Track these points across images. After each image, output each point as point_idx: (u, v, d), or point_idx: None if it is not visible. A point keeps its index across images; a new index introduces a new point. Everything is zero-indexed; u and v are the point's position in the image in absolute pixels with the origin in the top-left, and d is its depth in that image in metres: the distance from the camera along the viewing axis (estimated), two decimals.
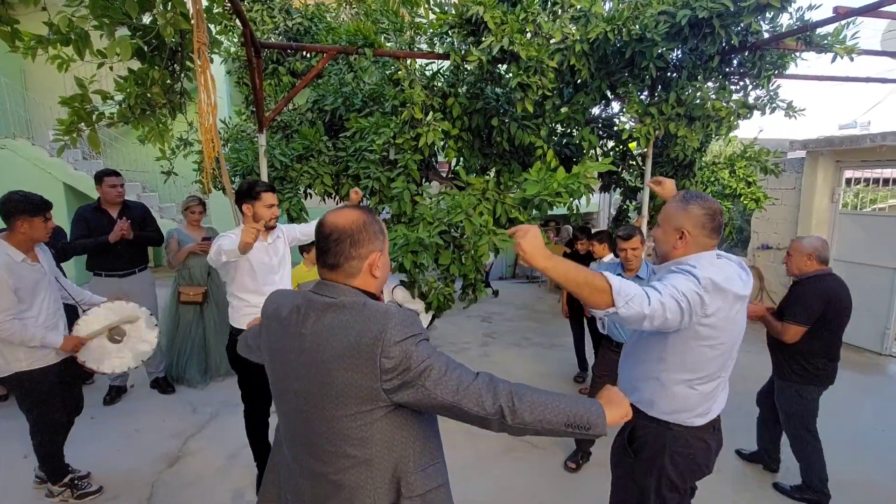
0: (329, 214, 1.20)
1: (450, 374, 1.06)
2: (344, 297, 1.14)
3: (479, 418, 1.05)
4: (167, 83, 2.45)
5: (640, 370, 1.69)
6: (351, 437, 1.09)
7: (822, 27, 2.98)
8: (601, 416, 1.09)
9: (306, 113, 4.65)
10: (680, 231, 1.57)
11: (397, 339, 1.04)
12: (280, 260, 2.65)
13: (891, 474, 3.07)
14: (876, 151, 5.22)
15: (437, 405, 1.06)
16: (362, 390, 1.06)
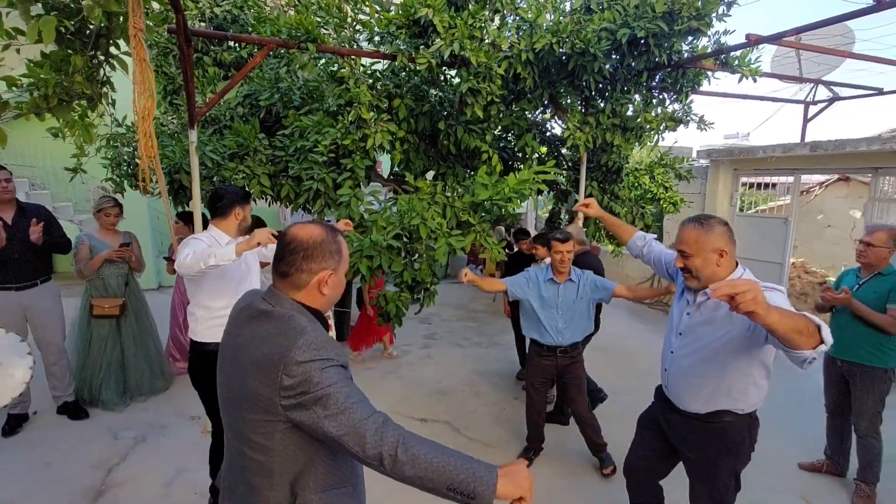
0: (294, 227, 1.24)
1: (344, 409, 1.04)
2: (280, 307, 1.18)
3: (360, 459, 1.04)
4: (90, 71, 2.16)
5: (734, 383, 1.80)
6: (255, 442, 1.13)
7: (735, 51, 3.34)
8: (490, 487, 1.00)
9: (237, 108, 4.35)
10: (719, 251, 1.71)
11: (300, 360, 1.06)
12: (248, 268, 2.53)
13: (796, 448, 3.52)
14: (766, 161, 5.97)
15: (322, 435, 1.06)
16: (264, 400, 1.09)
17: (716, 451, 1.91)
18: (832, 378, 3.09)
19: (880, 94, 5.21)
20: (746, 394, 1.82)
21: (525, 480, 1.04)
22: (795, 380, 4.79)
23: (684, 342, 1.93)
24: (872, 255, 2.82)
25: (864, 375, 2.83)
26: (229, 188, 2.53)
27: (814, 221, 10.62)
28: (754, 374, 1.79)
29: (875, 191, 5.15)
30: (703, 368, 1.86)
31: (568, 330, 2.99)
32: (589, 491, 2.96)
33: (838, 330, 2.93)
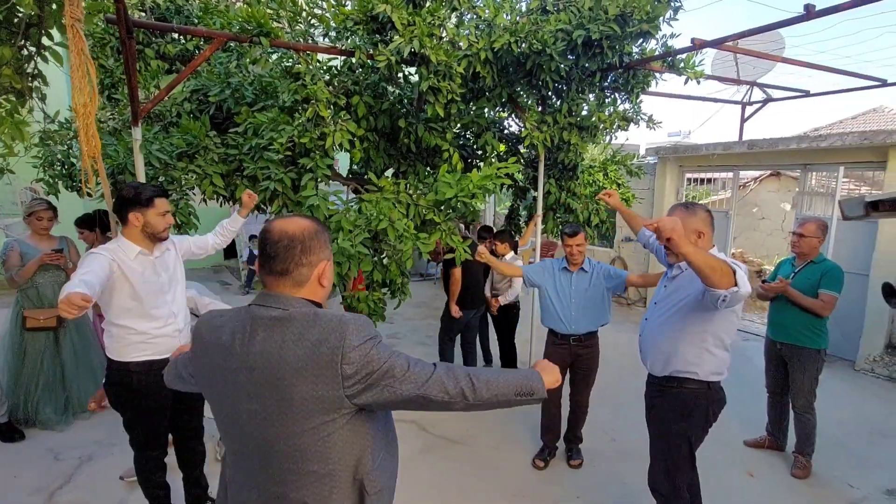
0: (276, 222, 1.17)
1: (412, 369, 1.11)
2: (292, 308, 1.11)
3: (444, 403, 1.12)
4: (19, 64, 1.99)
5: (688, 347, 2.01)
6: (312, 453, 1.08)
7: (682, 54, 3.51)
8: (541, 382, 1.22)
9: (184, 103, 4.12)
10: (698, 232, 1.95)
11: (356, 344, 1.06)
12: (171, 277, 2.27)
13: (739, 425, 3.76)
14: (708, 158, 6.33)
15: (402, 399, 1.10)
16: (324, 401, 1.05)
17: (669, 412, 2.11)
18: (772, 359, 3.32)
19: (807, 95, 5.64)
20: (701, 359, 2.01)
21: (556, 370, 1.28)
22: (739, 362, 5.12)
23: (656, 310, 2.18)
24: (804, 244, 3.06)
25: (800, 356, 3.06)
26: (123, 191, 2.12)
27: (749, 214, 11.38)
28: (708, 341, 1.99)
29: (804, 185, 5.58)
30: (663, 331, 2.10)
31: (581, 318, 3.07)
32: (561, 479, 3.04)
33: (776, 314, 3.19)
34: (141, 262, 2.13)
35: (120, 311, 2.10)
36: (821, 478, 3.09)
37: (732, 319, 1.99)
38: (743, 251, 9.02)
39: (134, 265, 2.10)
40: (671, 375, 2.09)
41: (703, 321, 1.96)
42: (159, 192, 2.13)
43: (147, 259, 2.16)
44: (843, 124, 12.52)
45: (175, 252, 2.35)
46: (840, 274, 2.98)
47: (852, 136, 4.78)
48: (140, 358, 2.13)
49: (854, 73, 4.37)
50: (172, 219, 2.23)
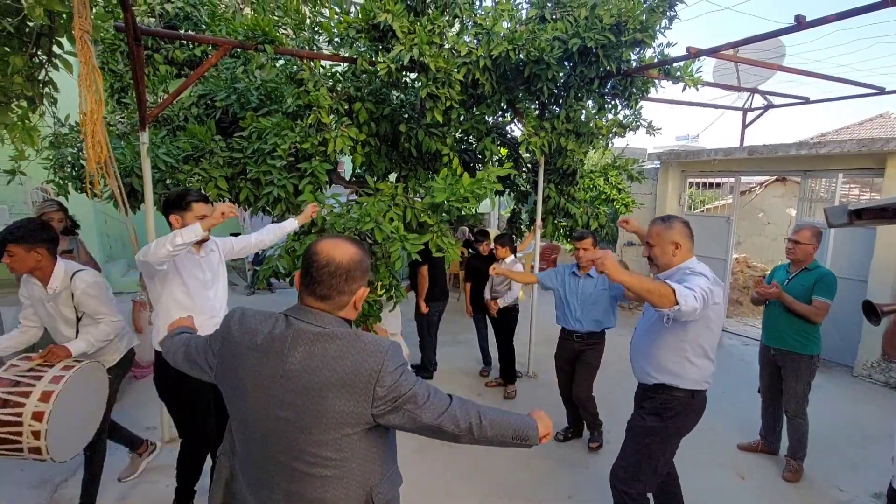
0: (324, 244, 1.21)
1: (431, 400, 1.19)
2: (332, 326, 1.18)
3: (453, 435, 1.20)
4: (30, 72, 2.08)
5: (666, 354, 2.08)
6: (327, 459, 1.16)
7: (678, 62, 3.56)
8: (535, 430, 1.29)
9: (191, 108, 4.23)
10: (675, 243, 2.04)
11: (391, 369, 1.15)
12: (214, 275, 2.44)
13: (732, 428, 3.79)
14: (710, 164, 6.35)
15: (420, 426, 1.18)
16: (352, 416, 1.14)
17: (648, 413, 2.17)
18: (766, 365, 3.35)
19: (807, 102, 5.66)
20: (683, 368, 2.06)
21: (549, 421, 1.34)
22: (738, 366, 5.13)
23: (643, 319, 2.28)
24: (800, 251, 3.10)
25: (793, 362, 3.08)
26: (167, 195, 2.38)
27: (755, 219, 11.34)
28: (687, 350, 2.04)
29: (804, 191, 5.58)
30: (646, 341, 2.17)
31: (584, 319, 3.32)
32: (553, 480, 3.09)
33: (770, 320, 3.22)
34: (190, 259, 2.31)
35: (171, 302, 2.26)
36: (811, 481, 3.11)
37: (712, 328, 2.03)
38: (747, 257, 9.00)
39: (185, 261, 2.28)
40: (658, 384, 2.14)
41: (682, 330, 2.01)
42: (198, 198, 2.28)
43: (194, 258, 2.33)
44: (849, 130, 12.47)
45: (219, 253, 2.52)
46: (833, 281, 3.00)
47: (851, 143, 4.79)
48: None
49: (852, 81, 4.40)
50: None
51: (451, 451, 3.38)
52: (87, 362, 2.27)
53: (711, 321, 2.00)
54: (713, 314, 1.97)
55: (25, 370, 2.13)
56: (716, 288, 1.91)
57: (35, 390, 2.05)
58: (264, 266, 3.46)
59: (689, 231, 2.08)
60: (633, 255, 7.87)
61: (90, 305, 2.32)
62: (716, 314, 1.99)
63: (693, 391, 2.09)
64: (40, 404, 2.03)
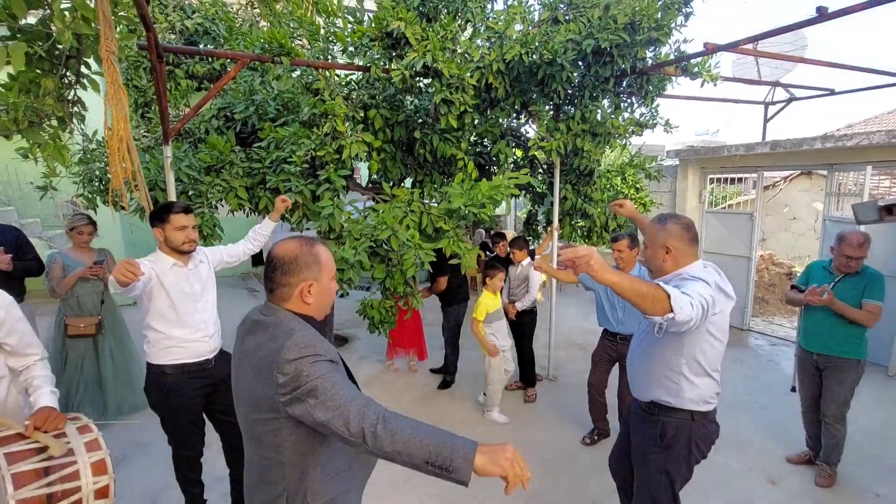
0: (275, 244, 1.36)
1: (331, 395, 1.11)
2: (273, 316, 1.29)
3: (344, 438, 1.10)
4: (60, 92, 2.16)
5: (661, 368, 1.86)
6: (267, 441, 1.24)
7: (695, 58, 3.50)
8: (467, 460, 1.02)
9: (211, 120, 4.33)
10: (665, 247, 1.82)
11: (290, 358, 1.16)
12: (203, 287, 2.43)
13: (761, 431, 3.69)
14: (731, 160, 6.21)
15: (314, 422, 1.14)
16: (267, 400, 1.19)
17: (648, 442, 1.96)
18: (807, 371, 3.12)
19: (832, 94, 5.49)
20: (679, 386, 1.84)
21: (505, 460, 1.04)
22: (766, 367, 5.00)
23: (638, 329, 2.11)
24: (854, 264, 2.85)
25: (838, 367, 2.90)
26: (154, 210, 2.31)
27: (780, 214, 11.04)
28: (683, 368, 1.81)
29: (831, 185, 5.42)
30: (641, 354, 1.99)
31: (626, 320, 3.30)
32: (576, 484, 3.05)
33: (813, 325, 3.01)
34: (175, 273, 2.30)
35: (156, 317, 2.28)
36: (847, 486, 3.01)
37: (712, 342, 1.80)
38: (772, 254, 8.76)
39: (169, 275, 2.28)
40: (653, 401, 1.94)
41: (677, 343, 1.80)
42: (179, 209, 2.26)
43: (181, 270, 2.33)
44: (878, 120, 12.04)
45: (208, 264, 2.51)
46: (883, 281, 2.81)
47: (880, 134, 4.63)
48: (174, 361, 2.30)
49: (879, 70, 4.25)
50: (194, 233, 2.32)
51: None
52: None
53: (712, 334, 1.77)
54: (713, 326, 1.75)
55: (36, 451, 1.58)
56: (719, 296, 1.70)
57: (81, 467, 1.63)
58: None
59: (689, 234, 1.82)
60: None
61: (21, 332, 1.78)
62: (718, 326, 1.77)
63: (692, 412, 1.86)
64: (99, 478, 1.66)
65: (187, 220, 2.28)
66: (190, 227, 2.30)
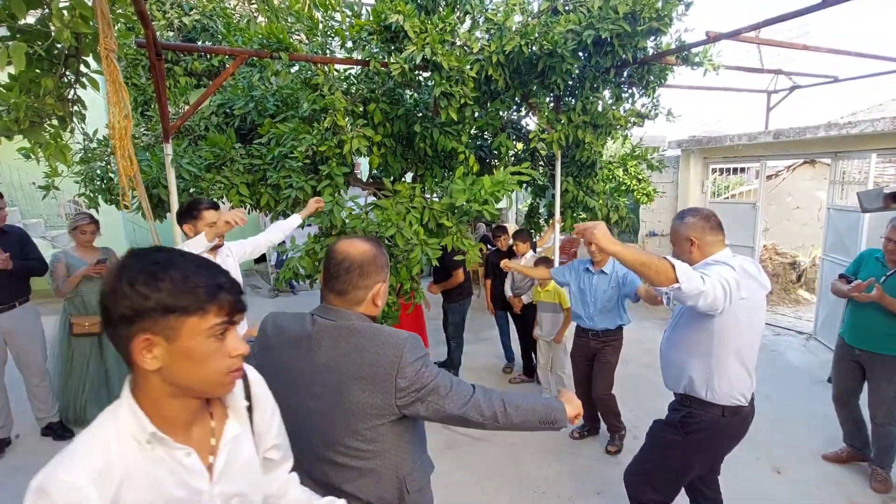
0: (342, 243, 1.28)
1: (454, 390, 1.22)
2: (353, 321, 1.23)
3: (479, 423, 1.24)
4: (60, 92, 2.16)
5: (693, 359, 1.87)
6: (360, 450, 1.21)
7: (696, 47, 3.47)
8: (564, 413, 1.31)
9: (211, 117, 4.33)
10: (689, 239, 1.86)
11: (410, 361, 1.18)
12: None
13: (766, 421, 3.69)
14: (733, 149, 6.18)
15: (445, 416, 1.21)
16: (377, 407, 1.18)
17: (672, 422, 1.98)
18: (846, 365, 2.98)
19: (836, 81, 5.45)
20: (710, 379, 1.82)
21: (578, 401, 1.36)
22: (764, 357, 5.00)
23: (670, 322, 2.10)
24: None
25: (886, 365, 2.74)
26: (182, 205, 2.43)
27: (783, 204, 10.98)
28: (713, 356, 1.80)
29: (835, 174, 5.39)
30: (673, 345, 1.99)
31: (598, 316, 3.21)
32: (581, 474, 3.07)
33: (859, 319, 2.86)
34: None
35: None
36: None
37: (743, 330, 1.77)
38: (775, 244, 8.73)
39: None
40: (686, 394, 1.93)
41: (707, 333, 1.79)
42: (209, 206, 2.31)
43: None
44: (882, 107, 11.94)
45: (234, 259, 2.55)
46: None
47: (884, 121, 4.59)
48: None
49: (883, 56, 4.21)
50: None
51: (480, 446, 3.40)
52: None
53: (742, 321, 1.74)
54: (744, 314, 1.73)
55: None
56: (747, 281, 1.70)
57: None
58: (285, 268, 3.52)
59: (709, 223, 1.85)
60: (654, 245, 7.74)
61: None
62: (748, 315, 1.75)
63: (723, 407, 1.84)
64: None
65: (216, 216, 2.31)
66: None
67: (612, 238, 1.54)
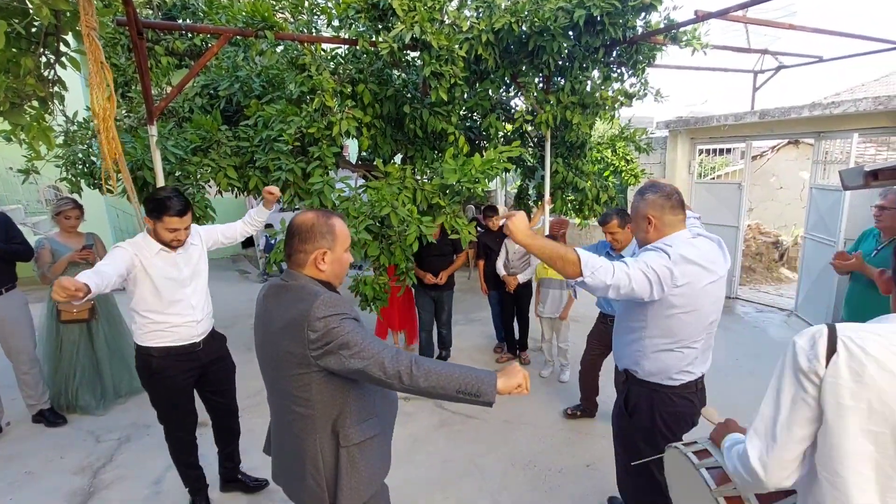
0: (295, 214, 1.48)
1: (363, 347, 1.27)
2: (294, 281, 1.40)
3: (380, 381, 1.26)
4: (40, 71, 2.10)
5: (628, 338, 1.87)
6: (297, 396, 1.35)
7: (685, 26, 3.47)
8: (492, 385, 1.23)
9: (195, 99, 4.24)
10: (647, 218, 1.76)
11: (319, 315, 1.27)
12: (193, 271, 2.34)
13: (748, 395, 3.83)
14: (720, 129, 6.23)
15: (349, 370, 1.28)
16: (296, 356, 1.31)
17: (617, 407, 2.02)
18: None
19: (820, 61, 5.50)
20: (641, 357, 1.82)
21: (519, 373, 1.27)
22: (746, 334, 5.15)
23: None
24: (887, 217, 2.72)
25: None
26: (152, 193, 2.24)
27: (767, 184, 11.15)
28: (644, 340, 1.79)
29: (818, 154, 5.48)
30: (618, 325, 2.00)
31: (617, 302, 3.14)
32: (571, 448, 3.16)
33: (855, 296, 2.84)
34: (163, 258, 2.22)
35: (141, 302, 2.23)
36: None
37: (679, 316, 1.70)
38: (759, 223, 8.89)
39: (155, 261, 2.20)
40: (626, 369, 1.93)
41: (641, 316, 1.78)
42: (171, 212, 2.13)
43: (169, 255, 2.24)
44: (864, 87, 12.09)
45: (201, 246, 2.42)
46: None
47: (866, 101, 4.66)
48: (160, 344, 2.27)
49: (867, 36, 4.26)
50: (185, 234, 2.24)
51: (473, 424, 3.47)
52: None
53: (676, 307, 1.68)
54: (680, 299, 1.66)
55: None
56: (685, 268, 1.63)
57: None
58: (275, 251, 3.51)
59: (670, 202, 1.74)
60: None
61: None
62: (687, 300, 1.67)
63: (652, 384, 1.80)
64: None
65: (181, 223, 2.17)
66: (182, 229, 2.20)
67: (526, 230, 1.54)
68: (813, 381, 0.96)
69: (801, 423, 0.99)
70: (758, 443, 1.04)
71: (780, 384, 1.03)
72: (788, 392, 1.01)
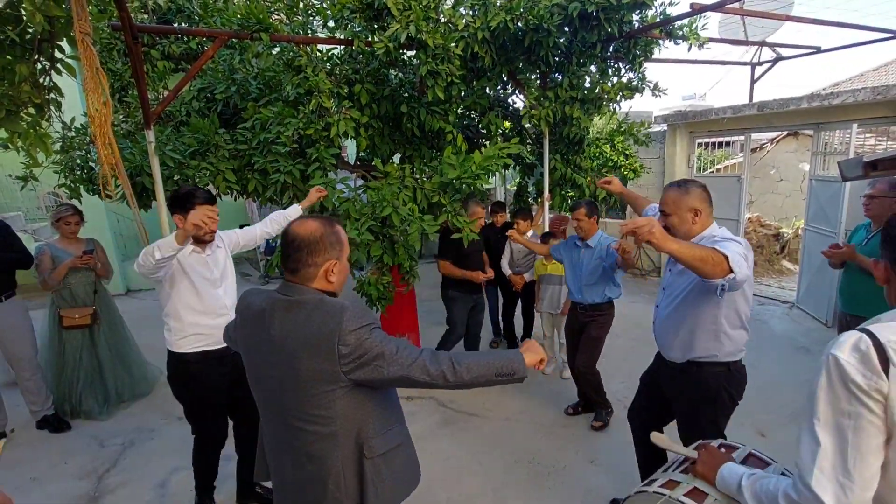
0: (292, 225, 1.36)
1: (400, 354, 1.26)
2: (301, 295, 1.31)
3: (426, 383, 1.27)
4: (35, 78, 2.10)
5: (701, 330, 1.94)
6: (314, 416, 1.28)
7: (681, 20, 3.46)
8: (522, 363, 1.32)
9: (192, 102, 4.23)
10: (694, 210, 1.88)
11: (351, 329, 1.23)
12: (222, 272, 2.39)
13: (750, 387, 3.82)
14: (719, 122, 6.22)
15: (390, 380, 1.26)
16: (324, 374, 1.25)
17: (695, 399, 2.06)
18: (840, 330, 3.01)
19: (818, 52, 5.47)
20: (718, 341, 1.94)
21: (539, 348, 1.39)
22: (754, 326, 5.13)
23: (665, 295, 2.13)
24: (875, 206, 2.78)
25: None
26: (176, 191, 2.27)
27: (767, 176, 11.12)
28: (722, 323, 1.91)
29: (817, 145, 5.46)
30: (675, 317, 2.03)
31: (587, 289, 3.26)
32: (574, 444, 3.16)
33: (850, 286, 2.91)
34: (195, 258, 2.26)
35: (180, 303, 2.23)
36: None
37: (747, 295, 1.90)
38: (759, 216, 8.87)
39: (190, 261, 2.24)
40: (690, 360, 2.02)
41: (713, 304, 1.89)
42: (200, 199, 2.16)
43: (199, 256, 2.28)
44: (863, 78, 12.05)
45: (225, 249, 2.46)
46: None
47: (865, 91, 4.65)
48: (197, 349, 2.27)
49: (865, 26, 4.24)
50: (215, 224, 2.24)
51: (475, 422, 3.47)
52: None
53: (746, 288, 1.85)
54: (747, 282, 1.83)
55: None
56: (749, 253, 1.77)
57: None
58: (276, 254, 3.51)
59: (708, 195, 1.93)
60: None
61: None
62: (749, 281, 1.85)
63: (728, 363, 1.98)
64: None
65: (212, 210, 2.19)
66: (215, 216, 2.21)
67: (667, 235, 1.49)
68: (878, 400, 0.84)
69: (875, 452, 0.87)
70: (829, 485, 0.89)
71: (833, 409, 0.90)
72: (848, 417, 0.88)
